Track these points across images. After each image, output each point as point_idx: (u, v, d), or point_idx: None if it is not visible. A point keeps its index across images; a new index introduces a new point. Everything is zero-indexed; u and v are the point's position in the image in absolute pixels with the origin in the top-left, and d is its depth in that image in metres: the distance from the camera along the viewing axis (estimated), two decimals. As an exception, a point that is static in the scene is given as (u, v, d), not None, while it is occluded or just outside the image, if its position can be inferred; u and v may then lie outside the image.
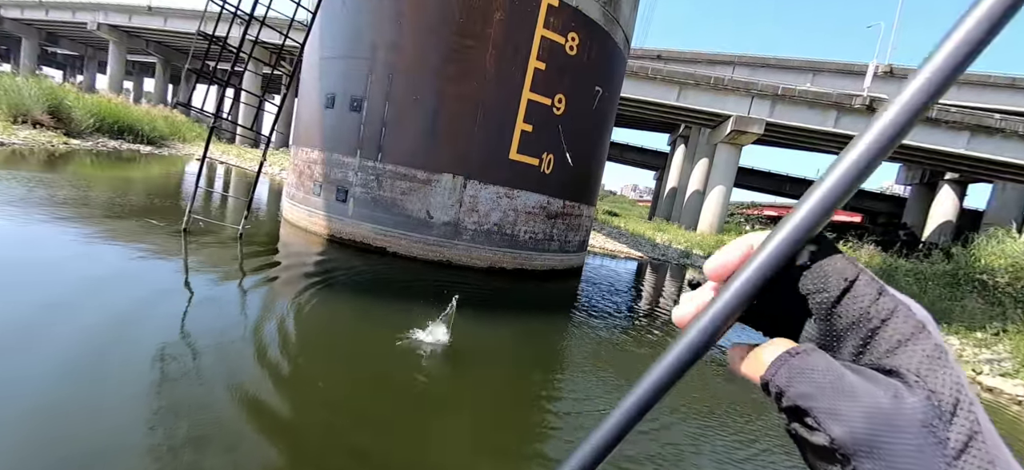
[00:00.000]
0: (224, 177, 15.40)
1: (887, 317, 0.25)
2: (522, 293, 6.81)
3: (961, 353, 7.20)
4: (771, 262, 0.27)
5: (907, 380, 0.24)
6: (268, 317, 3.86)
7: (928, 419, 0.23)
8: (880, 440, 0.23)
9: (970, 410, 0.24)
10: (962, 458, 0.22)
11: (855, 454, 0.23)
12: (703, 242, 20.18)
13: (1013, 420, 5.16)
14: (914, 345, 0.24)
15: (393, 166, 7.13)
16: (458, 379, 3.51)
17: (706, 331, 0.29)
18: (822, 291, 0.27)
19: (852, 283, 0.26)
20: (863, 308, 0.25)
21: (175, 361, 2.88)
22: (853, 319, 0.26)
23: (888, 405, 0.23)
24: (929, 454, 0.22)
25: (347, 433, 2.52)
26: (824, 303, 0.27)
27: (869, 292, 0.26)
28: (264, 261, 5.62)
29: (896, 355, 0.24)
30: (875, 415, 0.23)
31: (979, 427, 0.23)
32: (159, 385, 2.60)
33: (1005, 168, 21.64)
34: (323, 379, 3.03)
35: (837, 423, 0.24)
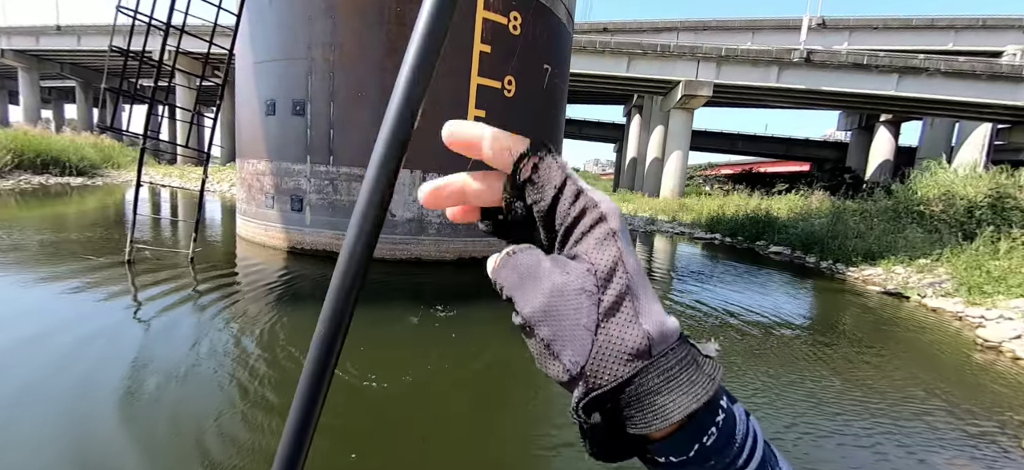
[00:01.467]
0: (170, 201, 14.45)
1: (579, 215, 0.29)
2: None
3: (906, 281, 7.74)
4: None
5: (581, 261, 0.28)
6: (229, 340, 3.64)
7: (586, 286, 0.28)
8: (552, 308, 0.28)
9: (622, 277, 0.28)
10: (613, 314, 0.28)
11: (536, 325, 0.29)
12: (666, 207, 20.74)
13: (955, 334, 5.60)
14: (591, 233, 0.29)
15: (347, 168, 6.85)
16: (449, 377, 3.44)
17: None
18: (540, 200, 0.30)
19: (560, 189, 0.29)
20: (565, 210, 0.29)
21: (135, 405, 2.66)
22: (561, 221, 0.30)
23: (560, 281, 0.28)
24: (586, 312, 0.27)
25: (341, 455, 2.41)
26: (541, 210, 0.30)
27: (570, 195, 0.29)
28: (220, 282, 5.30)
29: (579, 243, 0.29)
30: (552, 291, 0.28)
31: (630, 290, 0.28)
32: (123, 429, 2.39)
33: (932, 105, 23.27)
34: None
35: (526, 304, 0.29)
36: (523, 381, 3.50)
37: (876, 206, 11.23)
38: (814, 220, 11.93)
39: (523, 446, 2.71)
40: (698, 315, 5.58)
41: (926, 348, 5.04)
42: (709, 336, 4.76)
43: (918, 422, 3.24)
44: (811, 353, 4.50)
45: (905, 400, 3.57)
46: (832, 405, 3.40)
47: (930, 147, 28.41)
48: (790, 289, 7.65)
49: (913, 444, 2.95)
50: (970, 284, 6.69)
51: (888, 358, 4.55)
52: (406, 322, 4.69)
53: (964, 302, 6.44)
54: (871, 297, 7.43)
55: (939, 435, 3.09)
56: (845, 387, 3.73)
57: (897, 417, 3.29)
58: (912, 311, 6.61)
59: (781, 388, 3.61)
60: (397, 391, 3.16)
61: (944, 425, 3.24)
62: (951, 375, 4.19)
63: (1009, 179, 9.50)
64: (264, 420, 2.62)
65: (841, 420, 3.17)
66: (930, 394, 3.71)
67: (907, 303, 7.04)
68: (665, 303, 6.11)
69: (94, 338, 3.48)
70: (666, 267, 9.19)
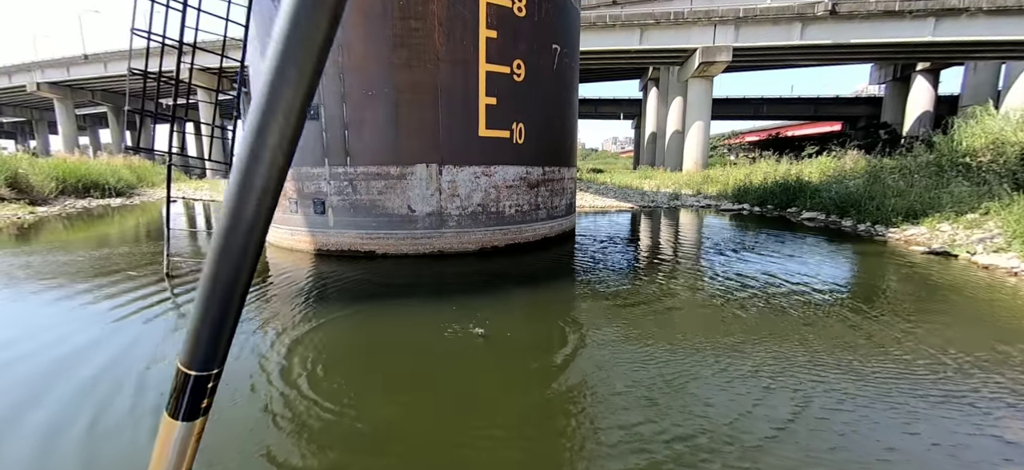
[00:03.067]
0: (204, 214, 15.02)
1: None
2: (518, 267, 6.74)
3: (953, 239, 7.29)
4: None
5: None
6: (269, 342, 3.75)
7: None
8: None
9: None
10: None
11: None
12: (690, 181, 20.19)
13: (1013, 290, 5.24)
14: None
15: (364, 167, 6.92)
16: (490, 366, 3.45)
17: None
18: None
19: None
20: None
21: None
22: None
23: None
24: None
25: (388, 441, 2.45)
26: None
27: None
28: (254, 288, 5.47)
29: None
30: None
31: None
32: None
33: (974, 47, 21.66)
34: (349, 392, 2.95)
35: None
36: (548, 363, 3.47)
37: (917, 161, 10.58)
38: (849, 181, 11.37)
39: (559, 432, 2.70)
40: (735, 288, 5.41)
41: (979, 307, 4.73)
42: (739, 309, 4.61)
43: (979, 384, 3.05)
44: (854, 320, 4.29)
45: (962, 362, 3.36)
46: (882, 373, 3.23)
47: (974, 93, 26.52)
48: (827, 255, 7.33)
49: (974, 408, 2.78)
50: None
51: (937, 319, 4.30)
52: (436, 310, 4.74)
53: (1019, 257, 6.02)
54: (915, 258, 7.04)
55: (997, 398, 2.90)
56: (892, 353, 3.54)
57: (955, 381, 3.10)
58: (961, 270, 6.23)
59: (827, 361, 3.46)
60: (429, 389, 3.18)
61: (1007, 386, 3.03)
62: (1011, 334, 3.92)
63: (1067, 120, 8.76)
64: (307, 419, 2.69)
65: (894, 388, 3.01)
66: (988, 354, 3.48)
67: (955, 262, 6.64)
68: (695, 279, 5.97)
69: (141, 346, 3.64)
70: (694, 241, 8.96)
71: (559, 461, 2.37)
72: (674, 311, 4.69)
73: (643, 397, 2.94)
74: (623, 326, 4.21)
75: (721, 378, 3.18)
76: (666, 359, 3.50)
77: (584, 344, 3.84)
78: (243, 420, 2.69)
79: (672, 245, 8.68)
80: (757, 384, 3.09)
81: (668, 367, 3.36)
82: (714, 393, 2.97)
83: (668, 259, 7.35)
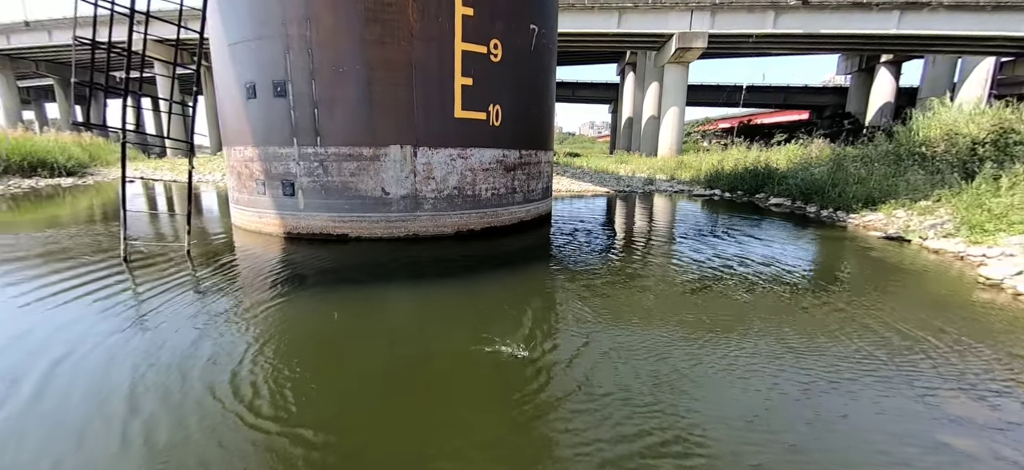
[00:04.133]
0: (165, 194, 14.30)
1: None
2: (495, 251, 6.72)
3: (908, 224, 7.69)
4: None
5: None
6: (236, 330, 3.62)
7: None
8: None
9: None
10: None
11: None
12: (665, 166, 20.51)
13: (957, 274, 5.58)
14: None
15: (336, 148, 6.70)
16: (465, 352, 3.43)
17: None
18: None
19: None
20: None
21: (150, 405, 2.66)
22: None
23: None
24: None
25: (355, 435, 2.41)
26: None
27: None
28: (220, 274, 5.27)
29: None
30: None
31: None
32: (144, 439, 2.40)
33: (935, 41, 22.61)
34: (319, 380, 2.88)
35: None
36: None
37: (877, 150, 11.06)
38: (814, 169, 11.79)
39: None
40: (699, 270, 5.56)
41: (927, 289, 5.02)
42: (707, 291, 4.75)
43: (920, 360, 3.25)
44: (810, 301, 4.49)
45: (905, 340, 3.57)
46: (833, 349, 3.40)
47: (932, 86, 27.81)
48: (789, 240, 7.61)
49: (914, 382, 2.96)
50: (971, 223, 6.64)
51: (887, 300, 4.55)
52: (411, 295, 4.68)
53: (965, 242, 6.41)
54: (872, 243, 7.39)
55: (940, 372, 3.10)
56: (844, 331, 3.72)
57: (898, 358, 3.29)
58: (913, 254, 6.59)
59: (785, 338, 3.61)
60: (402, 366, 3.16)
61: (944, 362, 3.25)
62: (953, 315, 4.18)
63: (1013, 113, 9.29)
64: (281, 411, 2.62)
65: (844, 362, 3.18)
66: (930, 333, 3.71)
67: (908, 247, 7.01)
68: (667, 261, 6.11)
69: (99, 339, 3.46)
70: (667, 226, 9.14)
71: (532, 444, 2.40)
72: (647, 293, 4.79)
73: (616, 380, 3.00)
74: (598, 309, 4.27)
75: (691, 358, 3.28)
76: (638, 340, 3.57)
77: (559, 328, 3.87)
78: (202, 411, 2.61)
79: (646, 230, 8.84)
80: (727, 365, 3.20)
81: (640, 347, 3.44)
82: (686, 371, 3.06)
83: (642, 244, 7.48)
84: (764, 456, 2.28)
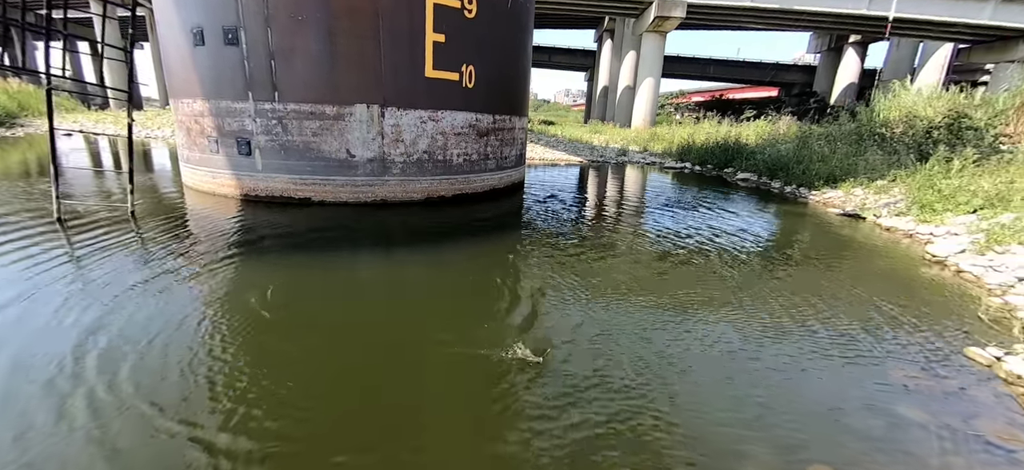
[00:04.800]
0: (111, 150, 13.20)
1: None
2: (466, 218, 6.56)
3: (864, 202, 8.02)
4: None
5: None
6: (181, 300, 3.37)
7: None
8: None
9: None
10: None
11: None
12: (638, 138, 20.58)
13: (905, 250, 5.88)
14: None
15: (296, 105, 6.25)
16: (434, 322, 3.32)
17: None
18: None
19: None
20: None
21: (85, 387, 2.42)
22: None
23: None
24: None
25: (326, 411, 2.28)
26: None
27: None
28: (170, 238, 4.89)
29: None
30: None
31: None
32: (74, 425, 2.18)
33: (902, 24, 23.23)
34: (271, 358, 2.71)
35: None
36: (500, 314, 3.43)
37: (841, 130, 11.39)
38: (781, 145, 12.07)
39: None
40: (667, 242, 5.62)
41: (877, 265, 5.26)
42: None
43: (867, 335, 3.40)
44: (765, 273, 4.62)
45: (854, 314, 3.73)
46: (785, 321, 3.51)
47: (895, 68, 28.81)
48: (752, 215, 7.81)
49: (861, 356, 3.09)
50: (922, 202, 6.97)
51: (839, 275, 4.74)
52: (377, 265, 4.50)
53: (915, 220, 6.74)
54: (829, 219, 7.68)
55: (887, 346, 3.25)
56: (796, 303, 3.85)
57: (845, 331, 3.43)
58: (867, 231, 6.89)
59: (738, 307, 3.69)
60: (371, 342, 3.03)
61: (891, 336, 3.41)
62: (899, 289, 4.40)
63: (966, 99, 9.71)
64: (237, 388, 2.45)
65: (793, 335, 3.28)
66: (878, 308, 3.89)
67: (863, 223, 7.32)
68: (637, 233, 6.14)
69: (24, 309, 3.14)
70: (638, 198, 9.19)
71: (496, 418, 2.35)
72: (617, 265, 4.79)
73: (586, 347, 2.98)
74: (570, 281, 4.23)
75: (655, 322, 3.30)
76: (610, 311, 3.57)
77: (531, 301, 3.82)
78: (153, 386, 2.41)
79: (618, 201, 8.85)
80: (688, 329, 3.24)
81: (611, 318, 3.43)
82: (650, 336, 3.08)
83: (614, 215, 7.49)
84: (717, 414, 2.32)
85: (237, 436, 2.08)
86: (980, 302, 4.14)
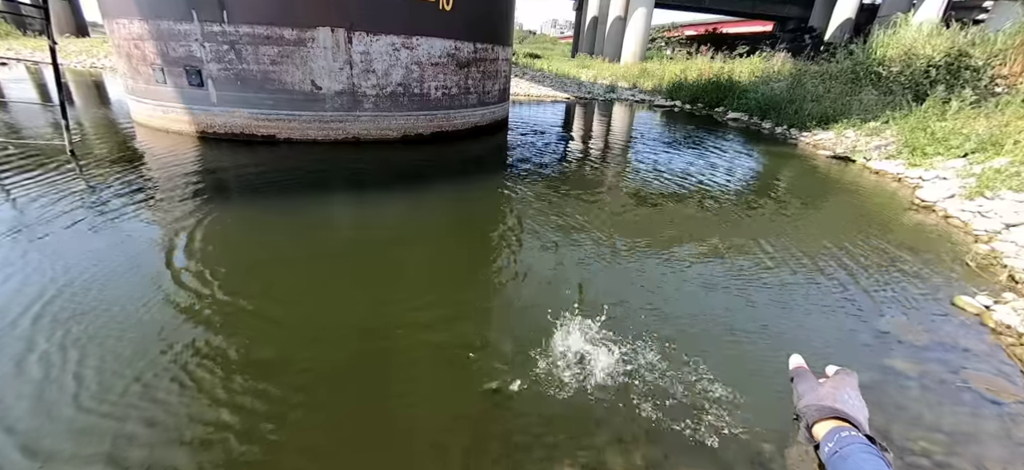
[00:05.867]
0: (56, 81, 11.96)
1: None
2: (447, 158, 6.16)
3: (855, 145, 7.84)
4: None
5: None
6: (124, 251, 3.02)
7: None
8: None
9: (805, 422, 0.73)
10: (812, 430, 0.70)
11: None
12: (627, 73, 19.73)
13: (892, 194, 5.79)
14: None
15: (249, 27, 5.53)
16: (404, 267, 3.06)
17: None
18: None
19: None
20: None
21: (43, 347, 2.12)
22: None
23: None
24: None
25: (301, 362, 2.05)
26: None
27: None
28: (115, 179, 4.41)
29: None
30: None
31: (808, 421, 0.73)
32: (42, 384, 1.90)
33: (903, -48, 22.02)
34: (234, 320, 2.43)
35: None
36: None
37: (837, 68, 10.98)
38: (774, 84, 11.65)
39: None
40: (654, 184, 5.38)
41: (864, 208, 5.16)
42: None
43: (852, 281, 3.30)
44: (747, 217, 4.47)
45: (839, 261, 3.62)
46: (768, 266, 3.38)
47: (893, 2, 27.75)
48: (739, 156, 7.59)
49: (845, 302, 3.00)
50: (913, 146, 6.82)
51: (824, 219, 4.63)
52: (349, 213, 4.16)
53: (905, 164, 6.61)
54: (819, 161, 7.52)
55: (873, 294, 3.17)
56: (778, 248, 3.73)
57: (830, 276, 3.33)
58: (856, 174, 6.76)
59: (716, 252, 3.55)
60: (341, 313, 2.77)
61: (878, 283, 3.32)
62: (885, 234, 4.31)
63: (967, 37, 9.33)
64: (209, 354, 2.19)
65: (775, 280, 3.17)
66: (864, 253, 3.80)
67: (852, 166, 7.19)
68: (624, 175, 5.87)
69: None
70: (623, 138, 8.82)
71: (475, 369, 2.18)
72: (605, 208, 4.55)
73: (568, 288, 2.80)
74: (557, 226, 3.99)
75: (640, 266, 3.13)
76: (593, 255, 3.37)
77: (516, 248, 3.58)
78: (116, 344, 2.13)
79: (605, 141, 8.48)
80: (673, 270, 3.08)
81: (592, 260, 3.24)
82: (632, 278, 2.92)
83: (600, 156, 7.16)
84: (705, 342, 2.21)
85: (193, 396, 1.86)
86: (968, 249, 4.08)
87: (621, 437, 1.87)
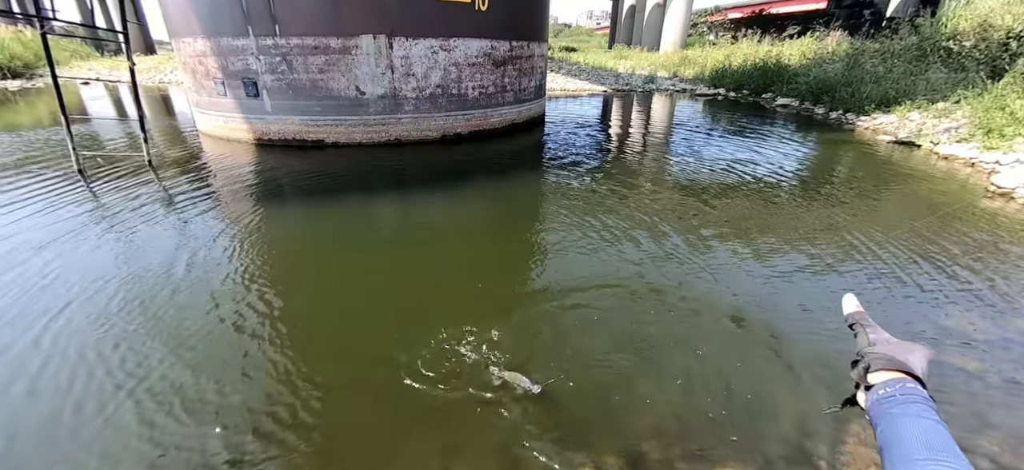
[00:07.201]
0: (134, 98, 13.18)
1: None
2: (485, 156, 6.28)
3: (920, 128, 7.25)
4: None
5: None
6: (203, 251, 3.35)
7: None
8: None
9: (866, 365, 0.69)
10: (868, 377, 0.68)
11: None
12: (667, 62, 19.14)
13: (964, 180, 5.33)
14: None
15: (298, 39, 5.88)
16: (450, 263, 3.22)
17: None
18: None
19: None
20: None
21: (122, 329, 2.45)
22: None
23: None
24: None
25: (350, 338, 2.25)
26: None
27: None
28: (187, 185, 4.86)
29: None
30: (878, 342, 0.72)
31: (870, 365, 0.69)
32: (145, 358, 2.20)
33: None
34: (299, 307, 2.67)
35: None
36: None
37: (900, 44, 10.15)
38: (828, 65, 10.94)
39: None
40: (696, 178, 5.24)
41: (932, 197, 4.77)
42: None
43: (920, 276, 3.10)
44: (806, 209, 4.25)
45: (905, 253, 3.40)
46: (827, 259, 3.23)
47: (965, -31, 25.14)
48: (790, 144, 7.20)
49: (912, 298, 2.83)
50: (989, 127, 6.22)
51: (888, 209, 4.33)
52: (393, 213, 4.37)
53: (980, 147, 6.06)
54: (879, 147, 7.02)
55: (944, 290, 2.96)
56: (838, 241, 3.53)
57: (896, 271, 3.13)
58: (921, 160, 6.27)
59: (778, 244, 3.42)
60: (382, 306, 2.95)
61: (948, 277, 3.10)
62: (956, 225, 3.99)
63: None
64: (269, 330, 2.43)
65: (841, 274, 3.02)
66: (933, 245, 3.54)
67: (917, 152, 6.66)
68: (667, 169, 5.74)
69: (57, 254, 3.17)
70: (663, 130, 8.61)
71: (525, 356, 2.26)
72: (649, 207, 4.50)
73: (609, 297, 2.82)
74: (599, 228, 4.00)
75: (699, 260, 3.09)
76: (634, 260, 3.36)
77: (556, 251, 3.63)
78: (183, 335, 2.41)
79: (645, 135, 8.32)
80: (732, 263, 3.02)
81: (632, 264, 3.23)
82: (685, 271, 2.89)
83: (639, 151, 7.04)
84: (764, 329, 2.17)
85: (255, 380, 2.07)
86: (1053, 240, 3.71)
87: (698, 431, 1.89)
